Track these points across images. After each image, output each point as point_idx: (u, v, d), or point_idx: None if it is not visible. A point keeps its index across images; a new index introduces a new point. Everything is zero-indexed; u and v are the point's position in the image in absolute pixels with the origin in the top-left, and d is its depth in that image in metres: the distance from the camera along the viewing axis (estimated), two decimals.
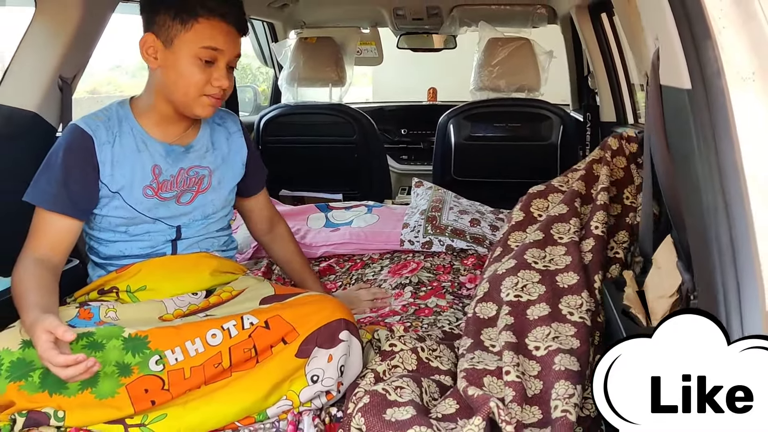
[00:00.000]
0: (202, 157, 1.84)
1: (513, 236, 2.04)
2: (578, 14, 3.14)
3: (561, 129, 3.38)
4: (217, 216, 1.88)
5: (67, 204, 1.68)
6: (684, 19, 0.98)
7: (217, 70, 1.69)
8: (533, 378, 1.51)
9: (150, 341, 1.52)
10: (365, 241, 2.70)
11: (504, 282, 1.78)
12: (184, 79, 1.68)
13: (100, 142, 1.71)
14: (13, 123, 2.05)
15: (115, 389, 1.48)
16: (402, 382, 1.49)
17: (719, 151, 0.87)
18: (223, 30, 1.67)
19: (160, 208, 1.76)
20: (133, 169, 1.73)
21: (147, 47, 1.70)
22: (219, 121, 1.92)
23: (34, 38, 2.10)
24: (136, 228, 1.76)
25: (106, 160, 1.71)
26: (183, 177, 1.79)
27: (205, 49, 1.66)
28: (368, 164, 3.68)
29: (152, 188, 1.75)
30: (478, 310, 1.78)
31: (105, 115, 1.76)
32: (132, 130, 1.76)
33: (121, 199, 1.73)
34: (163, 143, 1.78)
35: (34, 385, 1.44)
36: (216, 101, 1.72)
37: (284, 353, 1.57)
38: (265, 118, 3.67)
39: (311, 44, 3.82)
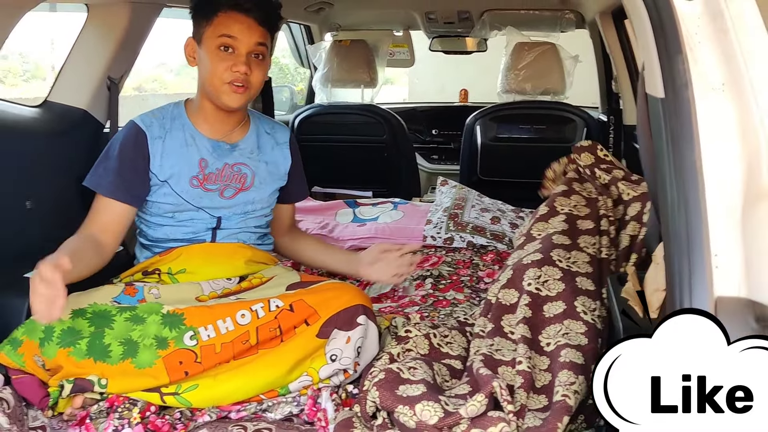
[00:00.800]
0: (247, 156, 1.99)
1: (536, 226, 2.12)
2: (602, 20, 3.22)
3: (585, 131, 3.47)
4: (256, 213, 2.02)
5: (121, 190, 1.86)
6: (661, 34, 1.09)
7: (236, 57, 1.83)
8: (543, 371, 1.61)
9: (186, 318, 1.66)
10: (390, 235, 2.82)
11: (528, 272, 1.86)
12: (209, 70, 1.85)
13: (152, 137, 1.90)
14: (65, 120, 2.23)
15: (153, 360, 1.62)
16: (415, 363, 1.62)
17: (681, 153, 0.98)
18: (239, 20, 1.83)
19: (204, 198, 1.92)
20: (181, 161, 1.91)
21: (189, 49, 1.91)
22: (269, 131, 2.08)
23: (85, 41, 2.28)
24: (181, 214, 1.92)
25: (156, 153, 1.89)
26: (227, 172, 1.95)
27: (221, 37, 1.83)
28: (397, 163, 3.80)
29: (198, 179, 1.92)
30: (501, 296, 1.86)
31: (161, 113, 1.96)
32: (183, 127, 1.94)
33: (169, 187, 1.90)
34: (210, 139, 1.95)
35: (81, 352, 1.60)
36: (239, 89, 1.85)
37: (306, 333, 1.69)
38: (299, 117, 3.82)
39: (345, 47, 3.94)
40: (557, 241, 1.98)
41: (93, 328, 1.62)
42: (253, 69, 1.85)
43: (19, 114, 2.14)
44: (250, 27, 1.84)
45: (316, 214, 2.97)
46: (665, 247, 1.05)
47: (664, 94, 1.07)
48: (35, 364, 1.60)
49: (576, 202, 2.18)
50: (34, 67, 12.17)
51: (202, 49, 1.87)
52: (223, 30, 1.82)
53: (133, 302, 1.72)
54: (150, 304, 1.70)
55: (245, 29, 1.83)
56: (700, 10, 1.13)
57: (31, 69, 12.16)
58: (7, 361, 1.62)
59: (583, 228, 2.07)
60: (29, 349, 1.60)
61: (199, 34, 1.87)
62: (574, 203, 2.17)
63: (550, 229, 2.06)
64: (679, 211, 0.98)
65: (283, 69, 7.64)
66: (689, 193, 0.97)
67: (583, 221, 2.10)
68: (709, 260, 0.95)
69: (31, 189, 2.01)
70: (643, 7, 1.16)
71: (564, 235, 2.01)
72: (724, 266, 0.97)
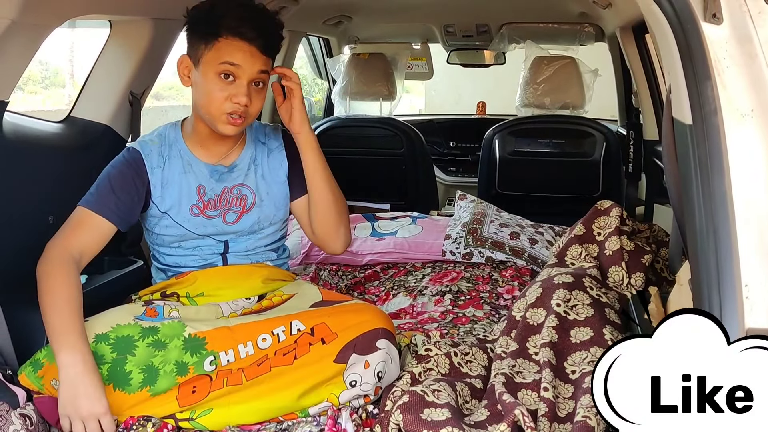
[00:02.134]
0: (245, 176, 1.92)
1: (571, 249, 2.09)
2: (623, 35, 3.20)
3: (604, 146, 3.45)
4: (264, 231, 1.96)
5: (111, 208, 1.80)
6: (688, 60, 1.08)
7: (237, 87, 1.74)
8: (567, 399, 1.59)
9: (207, 342, 1.66)
10: (409, 250, 2.82)
11: (557, 291, 1.83)
12: (206, 96, 1.77)
13: (151, 166, 1.86)
14: (88, 135, 2.25)
15: (170, 386, 1.62)
16: (439, 385, 1.60)
17: (712, 183, 0.97)
18: (242, 48, 1.74)
19: (207, 226, 1.88)
20: (180, 190, 1.86)
21: (183, 67, 1.83)
22: (263, 139, 1.98)
23: (108, 57, 2.30)
24: (187, 242, 1.90)
25: (156, 183, 1.85)
26: (227, 196, 1.89)
27: (223, 64, 1.74)
28: (415, 176, 3.80)
29: (198, 207, 1.87)
30: (528, 316, 1.83)
31: (159, 139, 1.90)
32: (180, 153, 1.89)
33: (170, 218, 1.87)
34: (207, 164, 1.89)
35: (102, 377, 1.58)
36: (237, 119, 1.76)
37: (322, 357, 1.68)
38: (318, 130, 3.82)
39: (363, 60, 3.95)
40: (590, 270, 1.96)
41: (115, 354, 1.61)
42: (253, 99, 1.77)
43: (42, 129, 2.16)
44: (253, 55, 1.75)
45: None
46: (693, 275, 1.04)
47: (692, 121, 1.06)
48: (53, 388, 1.59)
49: (609, 219, 2.14)
50: (53, 75, 12.28)
51: (198, 71, 1.78)
52: (225, 57, 1.73)
53: (155, 321, 1.71)
54: (172, 324, 1.69)
55: (248, 58, 1.74)
56: (728, 35, 1.13)
57: (50, 76, 12.27)
58: (26, 382, 1.63)
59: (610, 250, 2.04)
60: (49, 373, 1.60)
61: (197, 55, 1.78)
62: (606, 220, 2.14)
63: (585, 262, 2.03)
64: (708, 241, 0.97)
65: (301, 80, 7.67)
66: (719, 223, 0.96)
67: (610, 240, 2.07)
68: (740, 291, 0.94)
69: (53, 204, 2.03)
70: (670, 30, 1.15)
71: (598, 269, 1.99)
72: (754, 297, 0.96)
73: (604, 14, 3.23)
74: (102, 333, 1.63)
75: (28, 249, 1.90)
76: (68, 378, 1.53)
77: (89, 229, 1.78)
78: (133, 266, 2.25)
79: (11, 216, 1.91)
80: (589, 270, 1.96)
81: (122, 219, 1.82)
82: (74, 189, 1.95)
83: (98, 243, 1.80)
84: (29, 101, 10.77)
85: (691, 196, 1.03)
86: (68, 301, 1.62)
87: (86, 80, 2.31)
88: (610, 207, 2.17)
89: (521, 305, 1.88)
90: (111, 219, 1.80)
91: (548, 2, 3.49)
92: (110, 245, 1.89)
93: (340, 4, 3.58)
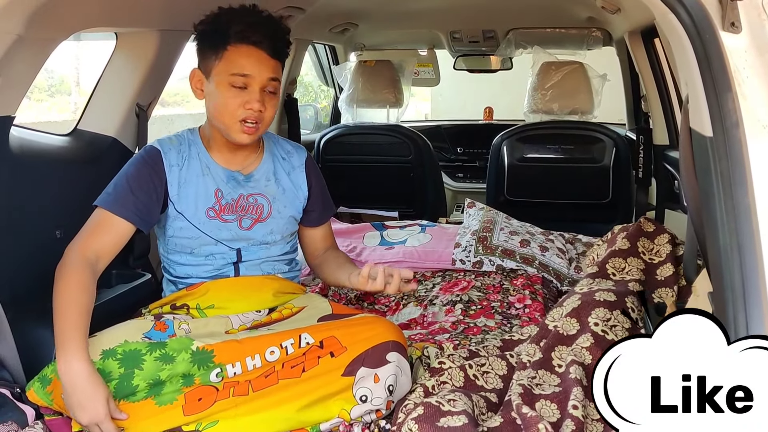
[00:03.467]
0: (263, 186, 1.94)
1: (613, 261, 2.03)
2: (631, 39, 3.17)
3: (614, 151, 3.42)
4: (277, 244, 1.97)
5: (129, 208, 1.80)
6: (707, 71, 1.06)
7: (249, 94, 1.77)
8: (595, 422, 1.54)
9: (215, 355, 1.64)
10: (418, 259, 2.80)
11: (597, 310, 1.79)
12: (220, 106, 1.79)
13: (170, 164, 1.86)
14: (94, 147, 2.23)
15: (175, 396, 1.60)
16: (454, 395, 1.58)
17: (735, 197, 0.95)
18: (252, 55, 1.77)
19: (222, 230, 1.88)
20: (197, 192, 1.87)
21: (195, 80, 1.85)
22: (284, 155, 2.01)
23: (114, 69, 2.29)
24: (200, 249, 1.89)
25: (174, 181, 1.86)
26: (243, 203, 1.90)
27: (234, 75, 1.76)
28: (423, 183, 3.78)
29: (214, 210, 1.88)
30: (560, 326, 1.80)
31: (178, 139, 1.92)
32: (199, 155, 1.90)
33: (186, 219, 1.86)
34: (225, 169, 1.91)
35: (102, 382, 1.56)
36: (252, 127, 1.79)
37: (331, 373, 1.65)
38: (325, 138, 3.82)
39: (370, 67, 3.94)
40: (632, 285, 1.92)
41: (123, 369, 1.59)
42: (266, 105, 1.79)
43: (48, 143, 2.15)
44: (262, 61, 1.77)
45: (344, 238, 2.95)
46: (716, 291, 1.02)
47: (713, 133, 1.03)
48: (63, 402, 1.58)
49: (657, 247, 2.08)
50: (59, 82, 12.34)
51: (211, 83, 1.80)
52: (235, 67, 1.76)
53: (163, 337, 1.69)
54: (180, 339, 1.67)
55: (258, 64, 1.77)
56: (746, 44, 1.10)
57: (56, 84, 12.33)
58: (35, 398, 1.61)
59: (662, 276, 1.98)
60: (58, 387, 1.58)
61: (208, 67, 1.80)
62: (655, 249, 2.08)
63: (626, 274, 1.98)
64: (732, 256, 0.94)
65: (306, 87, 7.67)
66: (743, 238, 0.93)
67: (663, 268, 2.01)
68: (766, 307, 0.92)
69: (60, 218, 2.01)
70: (687, 40, 1.13)
71: (641, 285, 1.94)
72: None
73: (612, 19, 3.20)
74: (109, 348, 1.61)
75: (36, 264, 1.89)
76: (66, 386, 1.53)
77: (107, 231, 1.78)
78: (141, 279, 2.23)
79: (18, 231, 1.90)
80: (631, 285, 1.91)
81: (141, 219, 1.82)
82: (82, 203, 1.94)
83: (116, 244, 1.80)
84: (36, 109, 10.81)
85: (713, 210, 1.00)
86: (76, 304, 1.62)
87: (92, 92, 2.30)
88: (656, 231, 2.11)
89: (556, 314, 1.85)
90: (130, 219, 1.80)
91: (555, 7, 3.47)
92: (118, 258, 1.88)
93: (347, 12, 3.57)
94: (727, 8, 1.11)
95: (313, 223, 2.08)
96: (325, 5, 3.12)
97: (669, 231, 2.09)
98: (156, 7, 2.16)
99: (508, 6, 3.53)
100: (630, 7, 2.68)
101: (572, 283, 2.64)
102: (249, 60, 1.77)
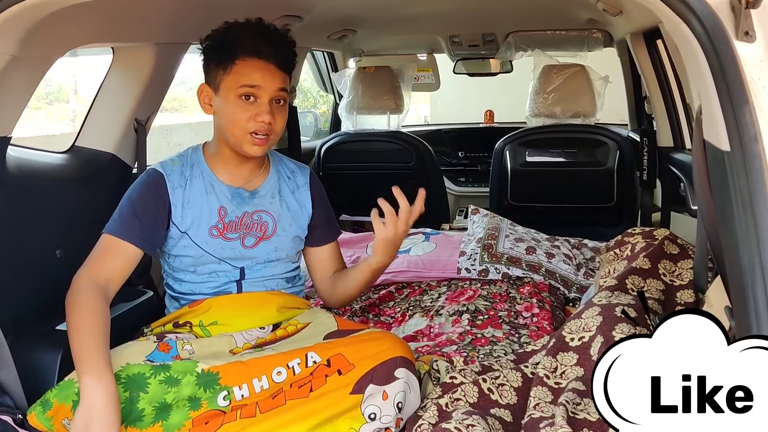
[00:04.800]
0: (268, 203, 1.92)
1: (632, 278, 1.99)
2: (633, 41, 3.14)
3: (617, 154, 3.39)
4: (281, 261, 1.94)
5: (135, 233, 1.79)
6: (723, 82, 1.03)
7: (258, 106, 1.77)
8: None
9: (221, 377, 1.61)
10: (423, 269, 2.77)
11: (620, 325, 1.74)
12: (230, 120, 1.79)
13: (173, 186, 1.84)
14: (93, 165, 2.20)
15: (183, 421, 1.57)
16: (472, 419, 1.53)
17: (757, 216, 0.91)
18: (260, 67, 1.77)
19: (225, 249, 1.86)
20: (201, 211, 1.85)
21: (203, 96, 1.85)
22: (289, 174, 2.00)
23: (111, 84, 2.26)
24: (203, 268, 1.86)
25: (177, 203, 1.84)
26: (247, 220, 1.88)
27: (243, 87, 1.77)
28: (426, 189, 3.73)
29: (218, 229, 1.85)
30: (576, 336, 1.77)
31: (180, 159, 1.90)
32: (202, 174, 1.88)
33: (189, 239, 1.84)
34: (229, 186, 1.89)
35: (120, 408, 1.53)
36: (262, 139, 1.79)
37: (339, 389, 1.62)
38: (326, 146, 3.78)
39: (369, 73, 3.90)
40: (652, 305, 1.88)
41: (128, 393, 1.57)
42: (276, 116, 1.80)
43: (46, 162, 2.12)
44: (271, 74, 1.78)
45: (347, 248, 2.92)
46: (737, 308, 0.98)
47: (730, 147, 1.00)
48: (63, 428, 1.55)
49: (680, 271, 2.05)
50: (57, 90, 12.30)
51: (219, 97, 1.81)
52: (244, 80, 1.76)
53: (167, 359, 1.67)
54: (184, 362, 1.65)
55: (267, 77, 1.77)
56: (761, 53, 1.07)
57: (54, 92, 12.29)
58: (36, 423, 1.58)
59: (682, 301, 1.95)
60: (60, 413, 1.55)
61: (216, 82, 1.81)
62: (677, 271, 2.05)
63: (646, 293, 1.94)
64: (755, 278, 0.91)
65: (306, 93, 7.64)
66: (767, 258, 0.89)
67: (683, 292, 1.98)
68: None
69: (60, 238, 1.99)
70: (700, 50, 1.09)
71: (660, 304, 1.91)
72: None
73: (613, 21, 3.16)
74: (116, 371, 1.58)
75: (36, 286, 1.86)
76: (86, 402, 1.49)
77: (115, 256, 1.77)
78: (143, 297, 2.20)
79: (17, 252, 1.87)
80: (651, 303, 1.88)
81: (147, 243, 1.82)
82: (82, 221, 1.92)
83: (125, 269, 1.80)
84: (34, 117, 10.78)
85: (732, 229, 0.97)
86: (93, 326, 1.60)
87: (90, 108, 2.27)
88: (680, 254, 2.08)
89: (574, 327, 1.81)
90: (137, 243, 1.79)
91: (555, 10, 3.43)
92: None
93: (344, 19, 3.54)
94: (741, 17, 1.07)
95: (318, 241, 2.04)
96: (323, 12, 3.09)
97: (691, 261, 2.05)
98: (152, 21, 2.14)
99: (507, 9, 3.49)
100: (632, 9, 2.65)
101: (580, 289, 2.61)
102: (258, 72, 1.77)
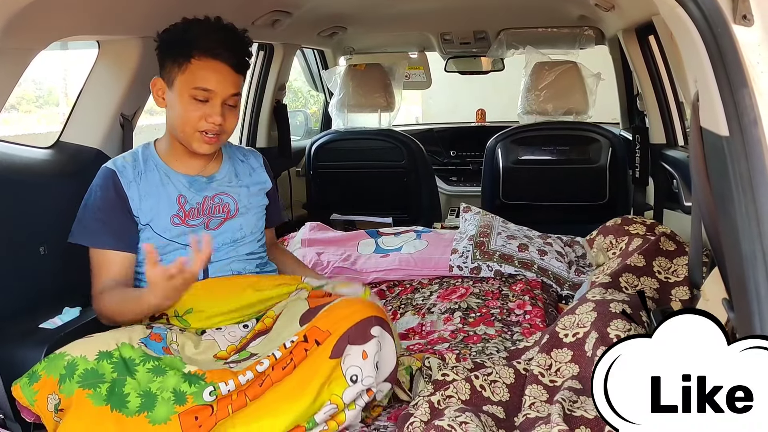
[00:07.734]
0: (226, 186, 1.95)
1: (626, 276, 2.00)
2: (625, 37, 3.12)
3: (610, 151, 3.37)
4: (245, 240, 1.95)
5: (111, 239, 1.82)
6: (721, 67, 1.00)
7: (211, 107, 1.79)
8: None
9: (206, 376, 1.60)
10: (414, 266, 2.74)
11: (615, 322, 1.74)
12: (181, 116, 1.81)
13: (127, 180, 1.86)
14: (78, 160, 2.16)
15: (169, 416, 1.55)
16: (465, 416, 1.52)
17: (757, 201, 0.89)
18: (215, 69, 1.78)
19: (188, 235, 1.84)
20: (159, 201, 1.86)
21: (157, 89, 1.86)
22: (242, 158, 2.05)
23: (96, 79, 2.22)
24: (169, 256, 1.83)
25: (134, 196, 1.85)
26: (209, 204, 1.91)
27: (197, 89, 1.78)
28: (417, 188, 3.72)
29: (179, 216, 1.87)
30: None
31: (132, 156, 1.92)
32: (156, 166, 1.90)
33: (151, 230, 1.85)
34: (185, 175, 1.91)
35: (100, 396, 1.53)
36: (212, 138, 1.82)
37: (318, 356, 1.61)
38: (316, 144, 3.75)
39: (360, 71, 3.87)
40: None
41: (116, 374, 1.56)
42: (227, 117, 1.83)
43: (30, 157, 2.07)
44: (225, 77, 1.80)
45: (338, 246, 2.89)
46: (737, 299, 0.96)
47: (729, 132, 0.97)
48: (46, 405, 1.54)
49: (675, 267, 2.05)
50: (47, 93, 12.22)
51: (172, 92, 1.82)
52: (198, 82, 1.78)
53: (158, 348, 1.66)
54: (174, 359, 1.64)
55: (221, 81, 1.79)
56: (759, 37, 1.05)
57: (44, 95, 12.22)
58: (19, 396, 1.57)
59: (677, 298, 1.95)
60: (46, 386, 1.54)
61: (170, 77, 1.82)
62: (672, 268, 2.05)
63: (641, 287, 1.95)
64: (756, 266, 0.88)
65: (296, 92, 7.60)
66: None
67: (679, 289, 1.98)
68: None
69: (44, 234, 1.94)
70: (698, 34, 1.07)
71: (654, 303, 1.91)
72: None
73: (605, 17, 3.15)
74: (106, 351, 1.58)
75: (18, 283, 1.82)
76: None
77: (109, 267, 1.83)
78: None
79: (0, 249, 1.82)
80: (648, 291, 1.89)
81: (126, 242, 1.85)
82: (66, 218, 1.89)
83: (124, 271, 1.85)
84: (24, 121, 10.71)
85: (732, 216, 0.94)
86: (127, 292, 1.77)
87: (75, 103, 2.23)
88: (677, 251, 2.08)
89: (567, 323, 1.80)
90: (118, 248, 1.84)
91: (546, 6, 3.42)
92: None
93: (335, 15, 3.52)
94: (738, 0, 1.05)
95: (270, 221, 2.11)
96: (313, 9, 3.07)
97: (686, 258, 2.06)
98: (138, 14, 2.10)
99: (498, 6, 3.49)
100: (624, 4, 2.64)
101: (572, 286, 2.59)
102: (212, 75, 1.78)
